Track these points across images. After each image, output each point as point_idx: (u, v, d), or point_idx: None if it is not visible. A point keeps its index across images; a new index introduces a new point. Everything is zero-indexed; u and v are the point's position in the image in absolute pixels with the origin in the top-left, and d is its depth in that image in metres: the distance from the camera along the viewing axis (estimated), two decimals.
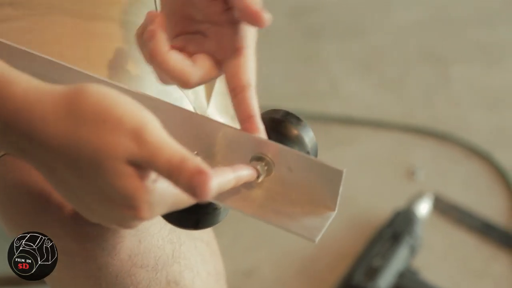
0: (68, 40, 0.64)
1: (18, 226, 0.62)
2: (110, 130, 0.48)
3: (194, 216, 0.56)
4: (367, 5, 2.00)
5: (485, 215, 1.43)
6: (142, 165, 0.48)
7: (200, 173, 0.47)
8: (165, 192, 0.50)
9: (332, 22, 1.92)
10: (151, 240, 0.62)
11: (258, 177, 0.56)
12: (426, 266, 1.35)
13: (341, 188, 0.55)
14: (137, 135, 0.48)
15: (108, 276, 0.61)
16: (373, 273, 1.29)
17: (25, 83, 0.49)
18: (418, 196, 1.42)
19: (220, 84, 0.75)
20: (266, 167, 0.56)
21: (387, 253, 1.31)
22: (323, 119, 1.63)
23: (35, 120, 0.48)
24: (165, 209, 0.51)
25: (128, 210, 0.49)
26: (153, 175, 0.49)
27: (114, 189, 0.49)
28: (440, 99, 1.71)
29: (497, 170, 1.53)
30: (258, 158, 0.56)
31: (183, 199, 0.51)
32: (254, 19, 0.56)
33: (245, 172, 0.54)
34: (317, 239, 0.54)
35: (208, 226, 0.58)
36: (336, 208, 0.56)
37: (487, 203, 1.46)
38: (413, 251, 1.34)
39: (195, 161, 0.47)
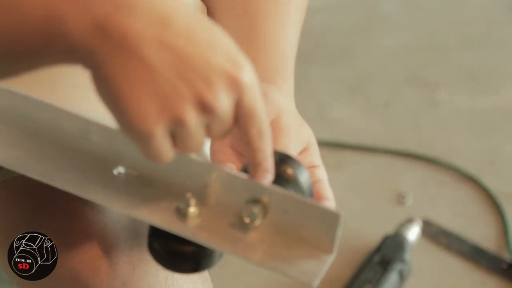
0: None
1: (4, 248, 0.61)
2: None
3: (190, 260, 0.55)
4: (353, 30, 2.01)
5: (475, 239, 1.43)
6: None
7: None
8: None
9: (319, 47, 1.93)
10: (145, 267, 0.61)
11: (253, 220, 0.55)
12: None
13: (339, 231, 0.53)
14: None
15: None
16: None
17: None
18: (407, 221, 1.41)
19: None
20: (261, 210, 0.55)
21: (376, 279, 1.30)
22: None
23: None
24: None
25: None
26: None
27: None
28: (428, 123, 1.72)
29: (486, 194, 1.52)
30: (254, 201, 0.55)
31: None
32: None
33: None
34: (315, 283, 0.52)
35: (202, 270, 0.57)
36: (334, 251, 0.54)
37: (476, 228, 1.46)
38: (402, 276, 1.33)
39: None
